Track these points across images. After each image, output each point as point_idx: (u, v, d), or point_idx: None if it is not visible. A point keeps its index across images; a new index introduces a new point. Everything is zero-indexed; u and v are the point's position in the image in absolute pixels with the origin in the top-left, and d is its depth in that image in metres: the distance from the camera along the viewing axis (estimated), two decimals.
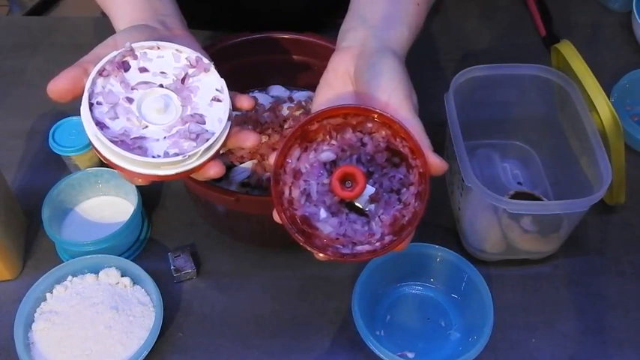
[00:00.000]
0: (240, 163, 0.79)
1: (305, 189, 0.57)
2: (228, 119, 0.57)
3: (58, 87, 0.55)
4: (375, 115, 0.56)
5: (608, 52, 1.06)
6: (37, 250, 0.84)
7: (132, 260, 0.80)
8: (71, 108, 0.56)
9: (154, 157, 0.54)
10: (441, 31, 1.09)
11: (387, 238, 0.56)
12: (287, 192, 0.57)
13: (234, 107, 0.59)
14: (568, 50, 0.81)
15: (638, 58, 1.05)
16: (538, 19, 1.09)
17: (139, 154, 0.54)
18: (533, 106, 0.88)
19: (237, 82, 0.67)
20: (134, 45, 0.58)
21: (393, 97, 0.57)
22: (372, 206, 0.57)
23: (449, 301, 0.79)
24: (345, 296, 0.77)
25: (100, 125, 0.55)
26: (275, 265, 0.83)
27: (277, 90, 0.88)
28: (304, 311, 0.79)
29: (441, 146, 0.88)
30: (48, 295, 0.78)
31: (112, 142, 0.53)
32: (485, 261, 0.82)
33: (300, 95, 0.87)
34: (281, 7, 0.98)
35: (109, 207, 0.87)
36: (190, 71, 0.59)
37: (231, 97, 0.59)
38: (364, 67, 0.60)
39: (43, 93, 0.56)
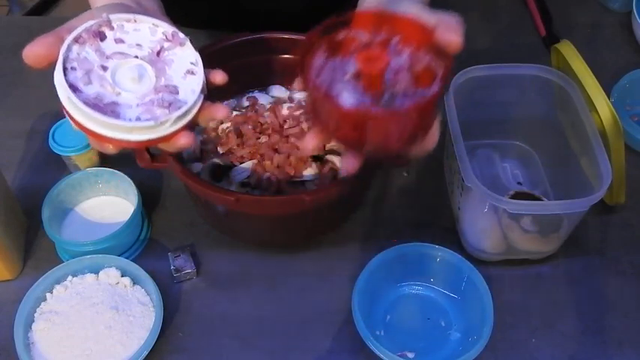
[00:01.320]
0: (240, 163, 0.79)
1: (327, 78, 0.58)
2: (202, 92, 0.57)
3: (33, 52, 0.55)
4: (401, 20, 0.59)
5: (608, 52, 1.06)
6: (37, 250, 0.84)
7: (132, 260, 0.80)
8: None
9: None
10: None
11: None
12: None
13: (207, 81, 0.59)
14: (568, 50, 0.81)
15: (638, 58, 1.05)
16: (538, 19, 1.09)
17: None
18: (533, 106, 0.88)
19: (237, 82, 0.67)
20: (111, 16, 0.58)
21: (422, 15, 0.59)
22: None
23: (449, 301, 0.79)
24: (345, 296, 0.77)
25: (73, 88, 0.54)
26: (275, 265, 0.83)
27: (277, 90, 0.88)
28: (304, 311, 0.79)
29: (441, 146, 0.88)
30: (48, 295, 0.78)
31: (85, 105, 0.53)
32: (485, 261, 0.82)
33: (300, 95, 0.87)
34: (281, 7, 0.98)
35: (109, 207, 0.87)
36: (166, 45, 0.59)
37: (205, 73, 0.59)
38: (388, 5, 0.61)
39: (43, 93, 0.56)
